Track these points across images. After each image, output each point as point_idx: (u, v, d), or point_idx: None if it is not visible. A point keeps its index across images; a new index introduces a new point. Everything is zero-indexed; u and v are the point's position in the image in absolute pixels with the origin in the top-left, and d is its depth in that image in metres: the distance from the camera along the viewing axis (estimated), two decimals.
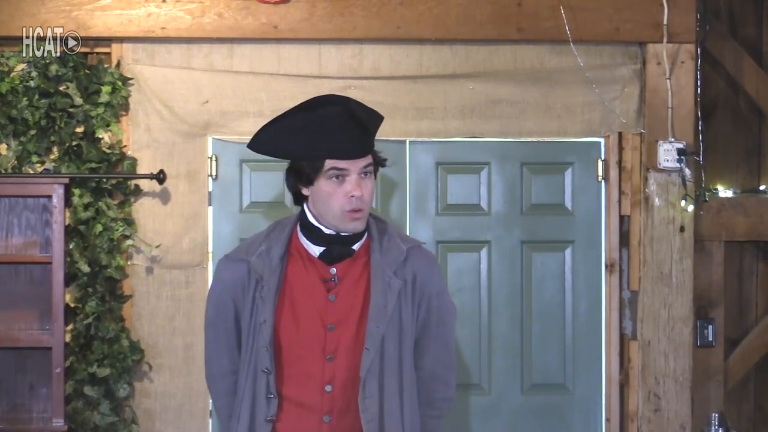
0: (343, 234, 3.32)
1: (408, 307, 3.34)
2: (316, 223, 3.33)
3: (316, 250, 3.34)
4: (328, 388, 3.27)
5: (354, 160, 3.24)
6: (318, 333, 3.29)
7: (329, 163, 3.24)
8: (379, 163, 3.33)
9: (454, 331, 3.48)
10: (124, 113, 5.46)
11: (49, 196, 5.23)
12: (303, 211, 3.36)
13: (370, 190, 3.29)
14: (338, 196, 3.25)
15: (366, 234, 3.37)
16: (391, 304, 3.29)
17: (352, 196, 3.24)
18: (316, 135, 3.23)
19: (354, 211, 3.25)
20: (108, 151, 5.40)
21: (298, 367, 3.29)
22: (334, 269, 3.32)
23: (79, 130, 5.39)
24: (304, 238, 3.35)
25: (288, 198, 4.03)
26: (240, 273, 3.36)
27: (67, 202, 5.30)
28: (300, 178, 3.29)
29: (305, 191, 3.32)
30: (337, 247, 3.32)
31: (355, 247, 3.35)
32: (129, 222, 5.42)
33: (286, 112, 3.33)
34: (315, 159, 3.24)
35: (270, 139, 3.31)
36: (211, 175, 5.55)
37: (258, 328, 3.31)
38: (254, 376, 3.31)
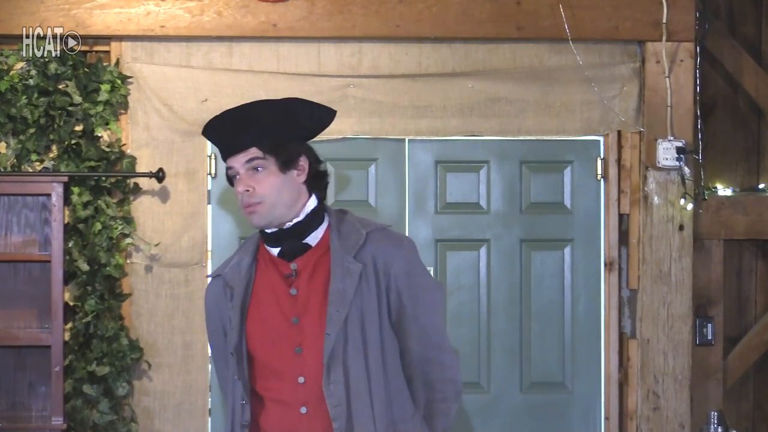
0: (285, 228, 3.32)
1: (371, 289, 3.32)
2: None
3: (275, 251, 3.36)
4: (301, 379, 3.28)
5: (234, 156, 3.28)
6: (282, 328, 3.31)
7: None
8: (282, 157, 3.30)
9: (438, 311, 3.42)
10: (123, 112, 5.46)
11: (48, 195, 5.23)
12: None
13: (266, 184, 3.27)
14: (238, 196, 3.30)
15: (326, 225, 3.38)
16: (351, 288, 3.28)
17: (240, 193, 3.28)
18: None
19: (247, 206, 3.28)
20: (107, 149, 5.40)
21: (271, 364, 3.31)
22: (295, 264, 3.33)
23: (78, 128, 5.39)
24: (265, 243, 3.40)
25: None
26: (218, 289, 3.42)
27: (66, 200, 5.30)
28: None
29: None
30: (289, 242, 3.33)
31: (311, 240, 3.35)
32: (128, 220, 5.42)
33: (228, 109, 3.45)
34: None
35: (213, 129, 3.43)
36: (210, 174, 5.55)
37: (230, 336, 3.36)
38: (233, 384, 3.35)
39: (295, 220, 3.33)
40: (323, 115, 3.41)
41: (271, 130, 3.29)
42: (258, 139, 3.27)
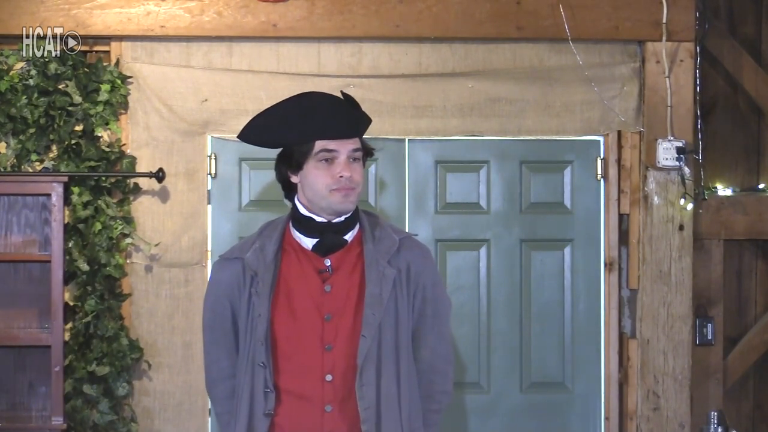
0: (335, 222, 3.34)
1: (403, 295, 3.36)
2: (307, 213, 3.37)
3: (309, 243, 3.37)
4: (329, 377, 3.29)
5: (343, 140, 3.30)
6: (315, 324, 3.31)
7: (319, 144, 3.30)
8: (367, 152, 3.38)
9: (449, 324, 3.50)
10: (123, 111, 5.46)
11: (48, 195, 5.24)
12: (294, 206, 3.40)
13: (360, 174, 3.34)
14: (326, 177, 3.30)
15: (358, 226, 3.40)
16: (386, 292, 3.32)
17: (341, 176, 3.29)
18: (307, 118, 3.32)
19: (342, 188, 3.29)
20: (107, 149, 5.40)
21: (296, 359, 3.31)
22: (329, 260, 3.35)
23: (78, 128, 5.39)
24: (297, 233, 3.39)
25: None
26: (235, 271, 3.39)
27: (66, 200, 5.30)
28: (289, 164, 3.35)
29: (294, 178, 3.36)
30: (330, 236, 3.35)
31: (348, 237, 3.38)
32: (128, 220, 5.42)
33: (276, 103, 3.43)
34: (306, 141, 3.30)
35: (261, 128, 3.39)
36: (210, 174, 5.55)
37: (254, 323, 3.32)
38: (252, 372, 3.33)
39: (344, 215, 3.38)
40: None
41: (362, 121, 3.39)
42: (361, 132, 3.37)
